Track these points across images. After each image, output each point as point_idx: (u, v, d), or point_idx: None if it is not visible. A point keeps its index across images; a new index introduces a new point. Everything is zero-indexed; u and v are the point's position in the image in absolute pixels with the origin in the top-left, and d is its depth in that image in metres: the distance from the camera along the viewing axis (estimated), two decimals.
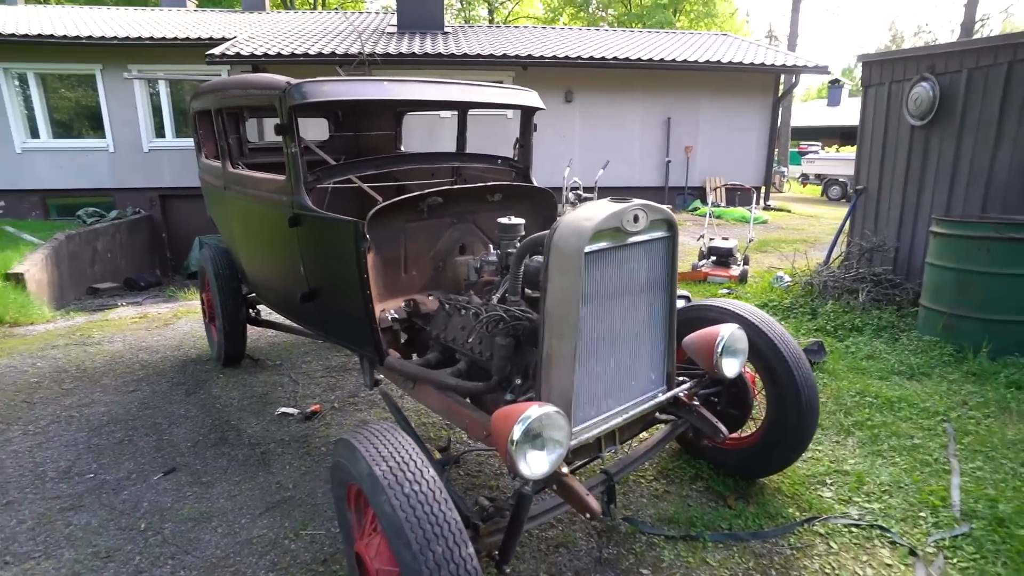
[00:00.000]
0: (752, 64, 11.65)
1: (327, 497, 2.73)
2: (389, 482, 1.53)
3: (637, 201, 2.02)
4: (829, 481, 2.80)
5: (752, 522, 2.51)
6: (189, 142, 12.47)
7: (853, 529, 2.47)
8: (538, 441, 1.72)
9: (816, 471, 2.88)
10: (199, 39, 11.58)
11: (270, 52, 10.42)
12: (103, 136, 12.14)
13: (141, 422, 3.48)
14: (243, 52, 10.37)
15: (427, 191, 2.68)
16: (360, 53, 10.08)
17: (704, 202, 12.37)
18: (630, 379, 2.21)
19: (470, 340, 2.40)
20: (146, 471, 2.97)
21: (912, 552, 2.32)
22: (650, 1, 24.56)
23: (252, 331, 4.67)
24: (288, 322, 4.35)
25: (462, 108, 3.93)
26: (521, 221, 2.59)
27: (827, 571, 2.24)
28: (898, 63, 5.22)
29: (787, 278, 6.01)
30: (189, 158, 12.38)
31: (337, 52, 10.53)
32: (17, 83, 11.84)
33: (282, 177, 2.81)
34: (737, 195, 12.04)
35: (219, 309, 3.90)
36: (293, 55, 10.38)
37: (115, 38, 11.26)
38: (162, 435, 3.32)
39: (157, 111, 12.29)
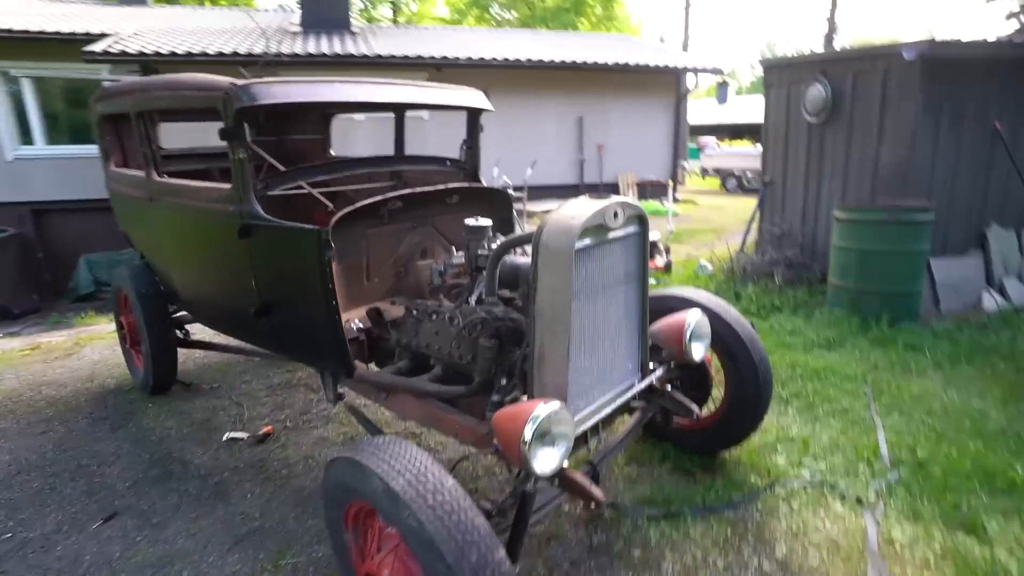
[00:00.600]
0: (657, 66, 12.30)
1: (300, 522, 2.58)
2: (411, 496, 1.49)
3: (616, 198, 2.09)
4: (780, 448, 3.05)
5: (722, 493, 2.68)
6: (63, 150, 11.16)
7: (808, 489, 2.71)
8: (547, 438, 1.74)
9: (767, 440, 3.12)
10: (72, 34, 10.39)
11: (162, 51, 9.59)
12: None
13: (61, 466, 3.10)
14: (129, 50, 9.46)
15: (389, 195, 2.60)
16: (265, 53, 9.53)
17: (590, 195, 12.88)
18: (612, 369, 2.29)
19: (448, 344, 2.37)
20: (80, 520, 2.65)
21: (859, 502, 2.59)
22: (553, 4, 25.28)
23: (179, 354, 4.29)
24: (228, 341, 4.06)
25: (401, 110, 3.85)
26: (488, 222, 2.59)
27: (794, 529, 2.44)
28: (795, 67, 5.75)
29: (709, 265, 6.43)
30: (68, 168, 11.09)
31: (239, 52, 9.88)
32: None
33: (226, 185, 2.62)
34: (648, 189, 12.66)
35: (145, 332, 3.55)
36: (189, 54, 9.61)
37: None
38: (91, 478, 2.98)
39: (20, 115, 10.90)
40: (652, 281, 6.35)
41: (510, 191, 3.49)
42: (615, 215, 2.08)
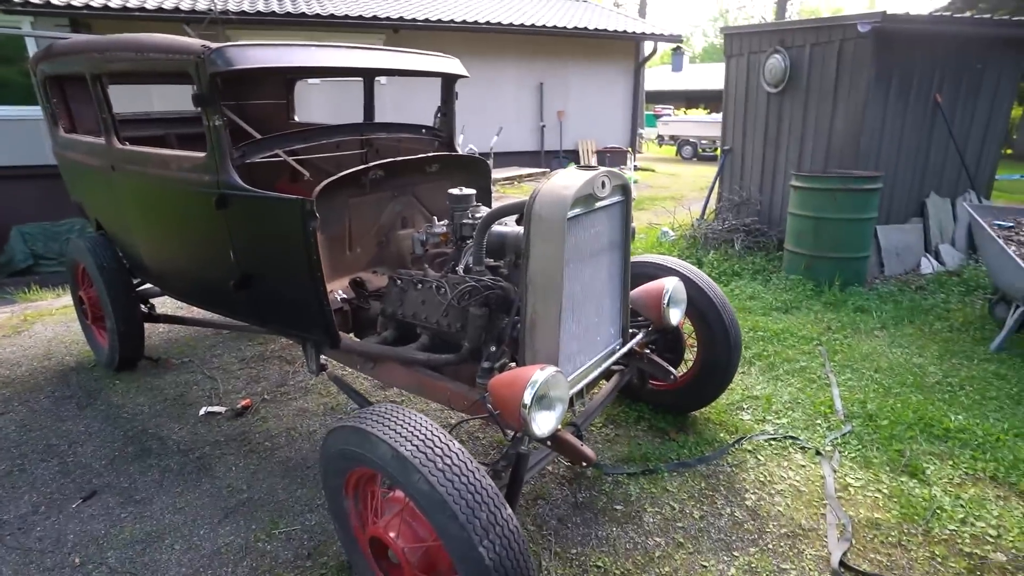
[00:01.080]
0: (616, 31, 12.27)
1: (289, 492, 2.61)
2: (420, 460, 1.54)
3: (603, 168, 2.14)
4: (746, 406, 3.26)
5: (695, 450, 2.86)
6: None
7: (772, 442, 2.91)
8: (544, 401, 1.82)
9: (734, 399, 3.32)
10: None
11: (93, 3, 8.87)
12: None
13: (29, 447, 2.99)
14: (56, 1, 8.71)
15: (371, 164, 2.57)
16: (210, 11, 8.97)
17: (578, 165, 12.96)
18: (596, 335, 2.38)
19: (436, 313, 2.40)
20: (57, 500, 2.59)
21: (817, 452, 2.81)
22: None
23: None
24: (197, 314, 3.95)
25: (372, 75, 3.75)
26: (472, 192, 2.60)
27: (761, 480, 2.64)
28: (755, 36, 5.86)
29: (671, 233, 6.62)
30: None
31: (181, 8, 9.25)
32: None
33: (198, 154, 2.52)
34: (607, 157, 12.77)
35: (109, 307, 3.41)
36: (126, 8, 8.94)
37: None
38: (64, 457, 2.90)
39: None
40: None
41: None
42: (603, 184, 2.13)
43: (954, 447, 2.84)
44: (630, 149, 13.28)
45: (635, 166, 13.42)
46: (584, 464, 2.03)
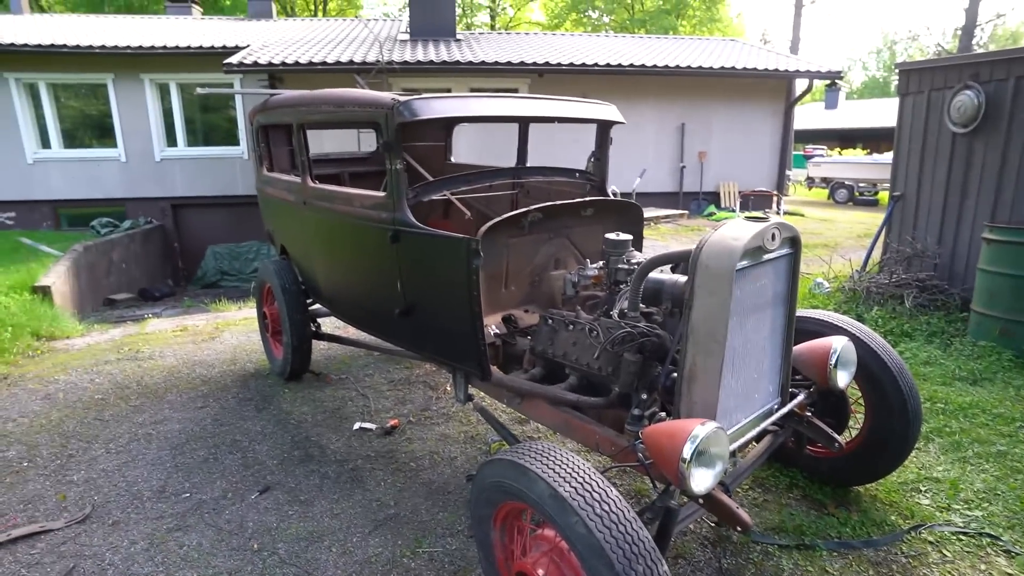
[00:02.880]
0: (767, 70, 11.78)
1: (432, 514, 2.73)
2: (579, 503, 1.55)
3: (774, 219, 2.05)
4: (923, 488, 2.84)
5: (859, 530, 2.55)
6: (201, 151, 12.42)
7: (962, 537, 2.50)
8: (703, 457, 1.75)
9: (907, 478, 2.92)
10: (212, 48, 11.54)
11: (287, 60, 10.40)
12: (114, 146, 12.05)
13: (220, 439, 3.46)
14: (260, 60, 10.34)
15: (531, 208, 2.70)
16: (378, 61, 10.09)
17: (719, 207, 12.47)
18: (755, 392, 2.24)
19: (588, 355, 2.41)
20: (240, 490, 2.95)
21: None
22: (653, 6, 24.79)
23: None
24: (355, 335, 4.35)
25: (526, 122, 3.95)
26: (629, 237, 2.61)
27: None
28: (938, 72, 5.31)
29: (827, 284, 6.08)
30: (201, 167, 12.33)
31: (354, 60, 10.52)
32: (28, 93, 11.74)
33: (378, 193, 2.82)
34: (751, 200, 12.14)
35: (287, 324, 3.89)
36: (311, 63, 10.36)
37: (127, 47, 11.20)
38: (245, 453, 3.31)
39: (169, 121, 12.22)
40: None
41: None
42: (772, 237, 2.04)
43: None
44: (776, 192, 12.52)
45: (783, 211, 12.61)
46: (739, 529, 1.90)
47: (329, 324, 5.29)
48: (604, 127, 3.41)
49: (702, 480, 1.74)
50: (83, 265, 8.92)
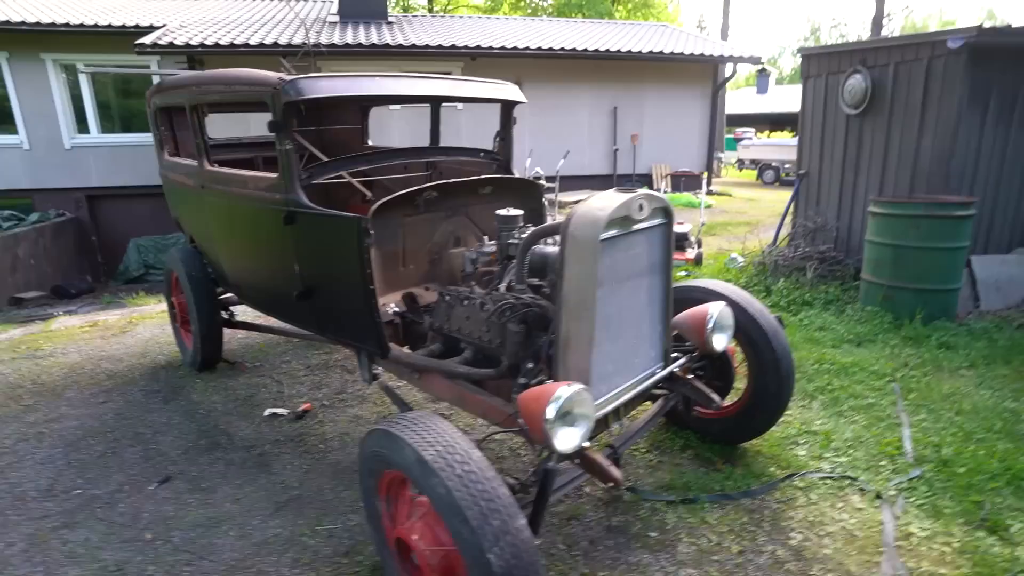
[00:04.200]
0: (693, 55, 12.13)
1: (336, 492, 2.75)
2: (440, 465, 1.61)
3: (641, 191, 2.16)
4: (801, 441, 3.08)
5: (740, 482, 2.74)
6: (117, 138, 11.73)
7: (827, 481, 2.74)
8: (568, 418, 1.84)
9: (789, 433, 3.15)
10: (123, 27, 10.86)
11: (207, 42, 9.93)
12: (15, 132, 11.19)
13: (121, 433, 3.35)
14: (177, 42, 9.83)
15: (425, 185, 2.73)
16: (304, 44, 9.77)
17: (651, 189, 12.81)
18: (634, 357, 2.37)
19: (478, 329, 2.48)
20: (139, 482, 2.88)
21: (878, 496, 2.61)
22: None
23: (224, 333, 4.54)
24: (268, 322, 4.28)
25: (438, 102, 3.96)
26: (520, 212, 2.68)
27: (810, 519, 2.49)
28: (834, 56, 5.63)
29: (740, 259, 6.39)
30: (120, 156, 11.65)
31: (280, 42, 10.16)
32: None
33: (272, 175, 2.78)
34: (682, 181, 12.54)
35: (194, 312, 3.79)
36: (233, 45, 9.94)
37: (23, 23, 10.35)
38: (147, 445, 3.22)
39: (79, 105, 11.46)
40: (682, 273, 6.35)
41: (542, 181, 3.58)
42: (640, 207, 2.15)
43: None
44: (704, 173, 12.97)
45: (710, 190, 13.08)
46: (613, 485, 2.01)
47: (248, 312, 5.17)
48: (507, 107, 3.46)
49: (567, 439, 1.84)
50: None
